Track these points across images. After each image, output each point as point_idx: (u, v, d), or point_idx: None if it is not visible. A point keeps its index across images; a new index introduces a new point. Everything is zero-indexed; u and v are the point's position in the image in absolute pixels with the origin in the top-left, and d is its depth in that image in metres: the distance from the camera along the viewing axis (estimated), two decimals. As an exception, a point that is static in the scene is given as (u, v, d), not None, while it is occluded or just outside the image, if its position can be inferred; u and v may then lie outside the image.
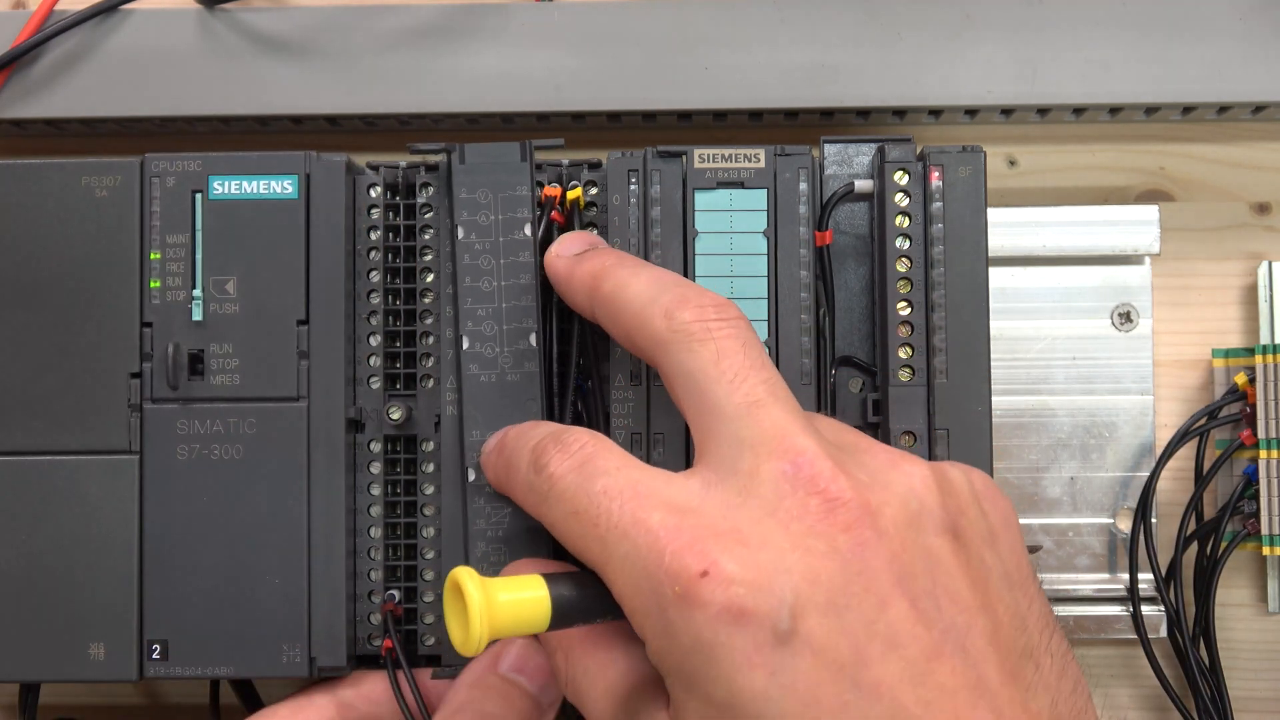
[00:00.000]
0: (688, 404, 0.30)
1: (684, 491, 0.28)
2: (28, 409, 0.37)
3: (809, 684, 0.25)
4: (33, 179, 0.37)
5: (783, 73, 0.42)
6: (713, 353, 0.29)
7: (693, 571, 0.26)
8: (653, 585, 0.27)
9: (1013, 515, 0.30)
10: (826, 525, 0.27)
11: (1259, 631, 0.44)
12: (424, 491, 0.37)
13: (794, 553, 0.26)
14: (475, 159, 0.36)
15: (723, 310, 0.30)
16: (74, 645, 0.36)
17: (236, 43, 0.42)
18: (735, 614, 0.26)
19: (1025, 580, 0.29)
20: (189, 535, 0.36)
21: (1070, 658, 0.29)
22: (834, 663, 0.25)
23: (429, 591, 0.37)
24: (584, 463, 0.29)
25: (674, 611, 0.26)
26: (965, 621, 0.27)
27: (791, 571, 0.26)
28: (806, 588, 0.26)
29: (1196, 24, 0.42)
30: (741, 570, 0.26)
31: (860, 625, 0.26)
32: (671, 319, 0.30)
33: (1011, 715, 0.26)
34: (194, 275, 0.37)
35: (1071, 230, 0.43)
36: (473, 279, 0.36)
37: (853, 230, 0.38)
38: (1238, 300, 0.45)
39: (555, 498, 0.30)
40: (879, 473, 0.28)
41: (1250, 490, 0.42)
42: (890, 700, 0.25)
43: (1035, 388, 0.43)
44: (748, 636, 0.26)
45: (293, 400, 0.37)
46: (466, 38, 0.42)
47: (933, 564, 0.27)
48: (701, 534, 0.27)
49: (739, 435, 0.28)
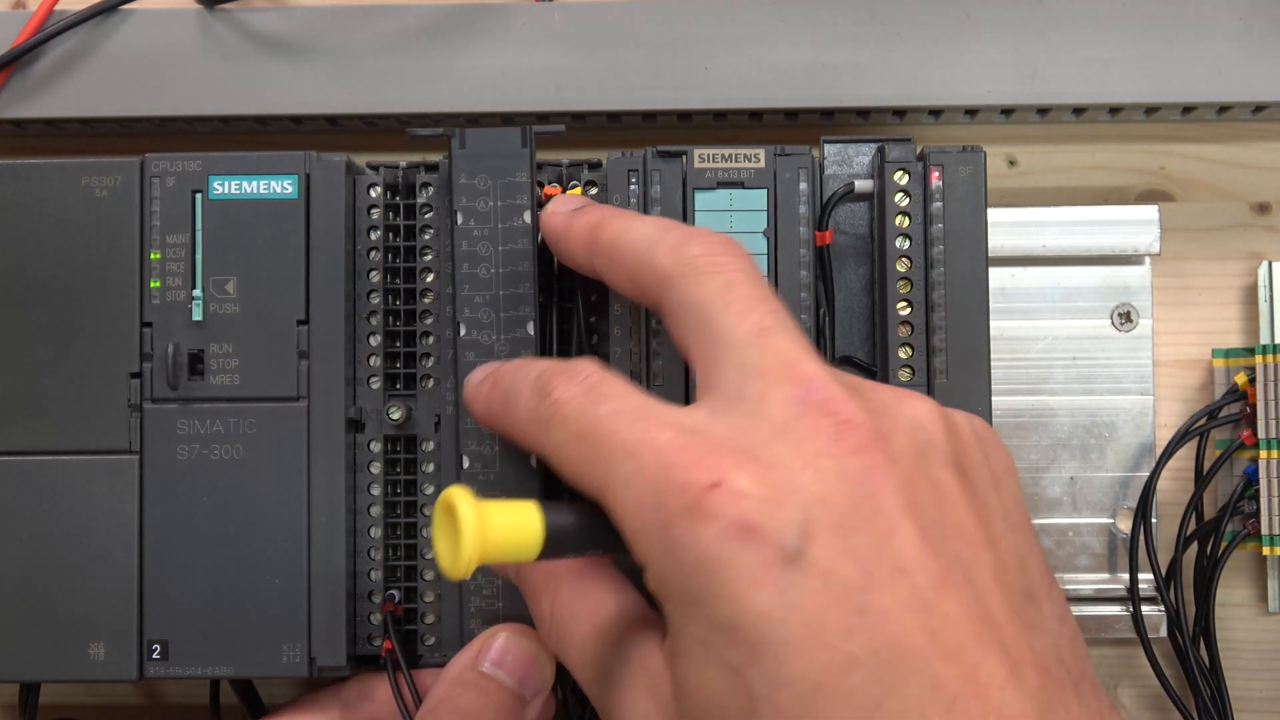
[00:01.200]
0: (693, 338, 0.29)
1: (691, 416, 0.28)
2: (28, 409, 0.37)
3: (815, 606, 0.25)
4: (33, 179, 0.37)
5: (783, 73, 0.42)
6: (721, 284, 0.29)
7: (702, 484, 0.26)
8: (658, 501, 0.26)
9: (1013, 465, 0.30)
10: (838, 447, 0.26)
11: (1259, 631, 0.44)
12: (424, 491, 0.37)
13: (805, 472, 0.26)
14: (476, 145, 0.36)
15: (729, 246, 0.30)
16: (74, 645, 0.36)
17: (236, 43, 0.42)
18: (745, 529, 0.25)
19: (1025, 526, 0.29)
20: (189, 535, 0.36)
21: (1069, 610, 0.28)
22: (841, 585, 0.25)
23: (429, 591, 0.37)
24: (591, 389, 0.29)
25: (680, 527, 0.26)
26: (971, 555, 0.26)
27: (803, 491, 0.26)
28: (817, 507, 0.25)
29: (1196, 24, 0.42)
30: (753, 485, 0.25)
31: (868, 549, 0.25)
32: (679, 254, 0.30)
33: (1016, 652, 0.25)
34: (194, 275, 0.37)
35: (1071, 230, 0.43)
36: (470, 265, 0.36)
37: (853, 230, 0.38)
38: (1238, 300, 0.45)
39: (559, 422, 0.29)
40: (887, 405, 0.28)
41: (1250, 490, 0.42)
42: (896, 626, 0.25)
43: (1035, 388, 0.43)
44: (756, 553, 0.25)
45: (293, 400, 0.37)
46: (466, 38, 0.42)
47: (940, 496, 0.27)
48: (711, 451, 0.26)
49: (746, 362, 0.28)
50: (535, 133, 0.36)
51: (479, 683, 0.34)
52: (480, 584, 0.36)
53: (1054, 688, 0.25)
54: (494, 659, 0.34)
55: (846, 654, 0.24)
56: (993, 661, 0.25)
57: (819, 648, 0.25)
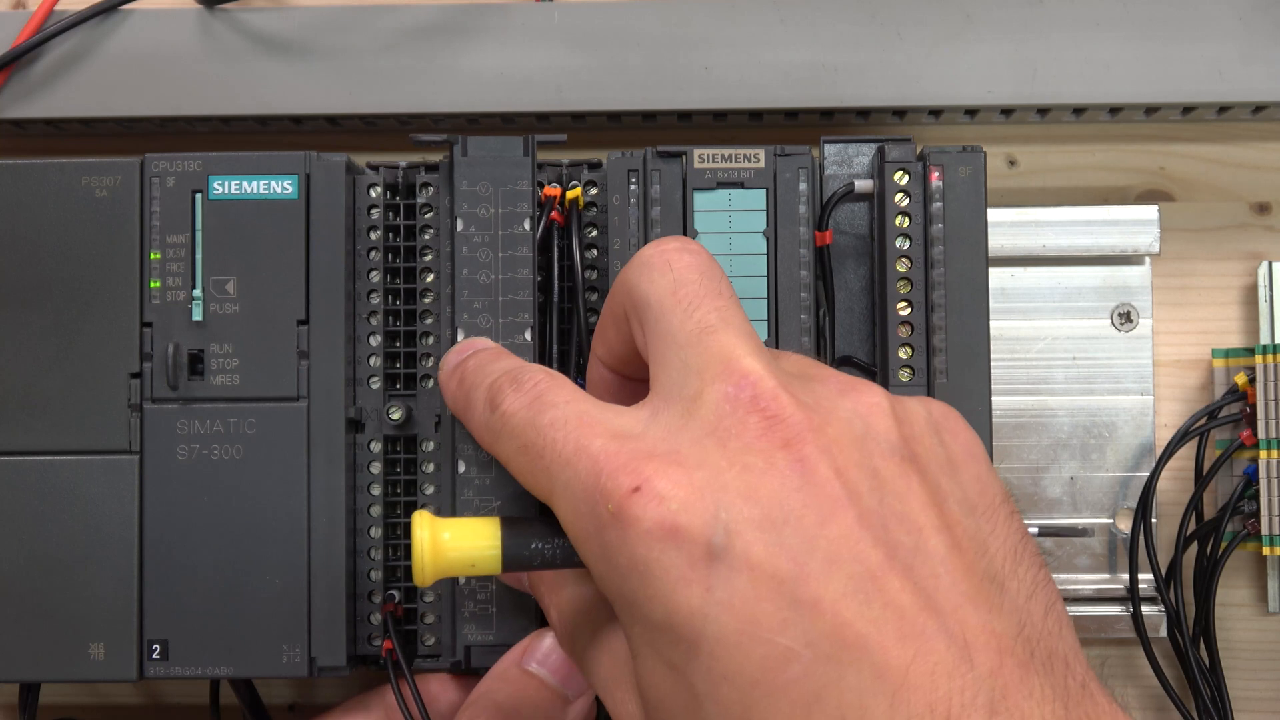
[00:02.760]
0: (647, 336, 0.30)
1: (630, 419, 0.28)
2: (28, 409, 0.37)
3: (746, 600, 0.25)
4: (33, 179, 0.37)
5: (783, 73, 0.42)
6: (670, 283, 0.29)
7: (625, 489, 0.26)
8: (590, 508, 0.27)
9: (978, 448, 0.29)
10: (765, 442, 0.26)
11: (1259, 631, 0.44)
12: (424, 491, 0.37)
13: (730, 470, 0.26)
14: (477, 152, 0.36)
15: (684, 244, 0.30)
16: (74, 645, 0.36)
17: (236, 43, 0.42)
18: (667, 530, 0.25)
19: (990, 508, 0.28)
20: (189, 535, 0.36)
21: (1045, 584, 0.27)
22: (772, 579, 0.25)
23: (429, 592, 0.37)
24: (536, 399, 0.29)
25: (610, 532, 0.26)
26: (914, 541, 0.26)
27: (727, 488, 0.26)
28: (741, 503, 0.25)
29: (1196, 24, 0.42)
30: (673, 487, 0.26)
31: (799, 541, 0.25)
32: (637, 256, 0.30)
33: (968, 636, 0.25)
34: (194, 275, 0.37)
35: (1071, 230, 0.43)
36: (470, 271, 0.36)
37: (853, 230, 0.38)
38: (1238, 300, 0.45)
39: (507, 435, 0.30)
40: (827, 398, 0.28)
41: (1250, 490, 0.42)
42: (832, 617, 0.24)
43: (1035, 388, 0.43)
44: (681, 553, 0.25)
45: (293, 400, 0.37)
46: (466, 38, 0.42)
47: (879, 484, 0.26)
48: (638, 455, 0.27)
49: (687, 361, 0.28)
50: (537, 141, 0.36)
51: (521, 679, 0.34)
52: (474, 589, 0.36)
53: (1012, 669, 0.25)
54: (538, 658, 0.35)
55: (782, 647, 0.24)
56: (939, 647, 0.24)
57: (753, 642, 0.25)
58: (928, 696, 0.24)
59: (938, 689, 0.24)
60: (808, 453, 0.26)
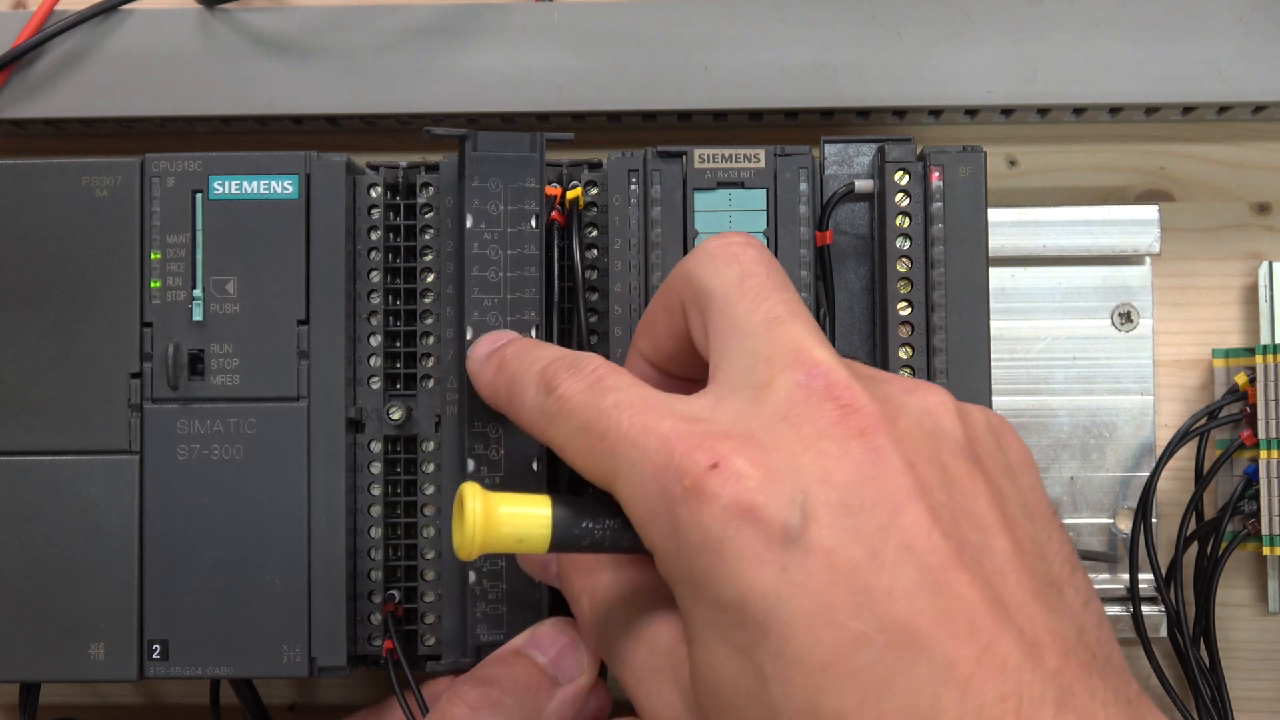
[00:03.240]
0: (709, 327, 0.29)
1: (696, 405, 0.28)
2: (28, 409, 0.37)
3: (820, 584, 0.25)
4: (33, 179, 0.37)
5: (783, 73, 0.42)
6: (736, 274, 0.29)
7: (701, 466, 0.26)
8: (661, 485, 0.26)
9: (1031, 459, 0.30)
10: (840, 429, 0.26)
11: (1259, 631, 0.44)
12: (424, 491, 0.37)
13: (806, 454, 0.26)
14: (488, 147, 0.36)
15: (747, 239, 0.30)
16: (74, 645, 0.36)
17: (236, 43, 0.42)
18: (745, 508, 0.25)
19: (1045, 515, 0.28)
20: (189, 535, 0.36)
21: (1095, 597, 0.28)
22: (847, 564, 0.25)
23: (429, 591, 0.37)
24: (596, 382, 0.29)
25: (682, 508, 0.26)
26: (982, 539, 0.26)
27: (803, 471, 0.26)
28: (818, 486, 0.25)
29: (1196, 24, 0.42)
30: (750, 466, 0.26)
31: (874, 529, 0.25)
32: (699, 249, 0.30)
33: (1034, 634, 0.25)
34: (194, 275, 0.37)
35: (1071, 230, 0.43)
36: (480, 268, 0.36)
37: (853, 230, 0.38)
38: (1238, 300, 0.45)
39: (564, 416, 0.29)
40: (895, 395, 0.28)
41: (1250, 490, 0.42)
42: (905, 606, 0.24)
43: (1035, 388, 0.43)
44: (758, 532, 0.25)
45: (293, 400, 0.37)
46: (466, 38, 0.42)
47: (949, 480, 0.27)
48: (712, 435, 0.26)
49: (755, 350, 0.28)
50: (545, 139, 0.36)
51: (512, 659, 0.34)
52: (485, 589, 0.36)
53: (1076, 669, 0.25)
54: (531, 641, 0.35)
55: (855, 632, 0.24)
56: (1008, 642, 0.24)
57: (826, 626, 0.24)
58: (998, 689, 0.24)
59: (1007, 683, 0.24)
60: (881, 443, 0.26)
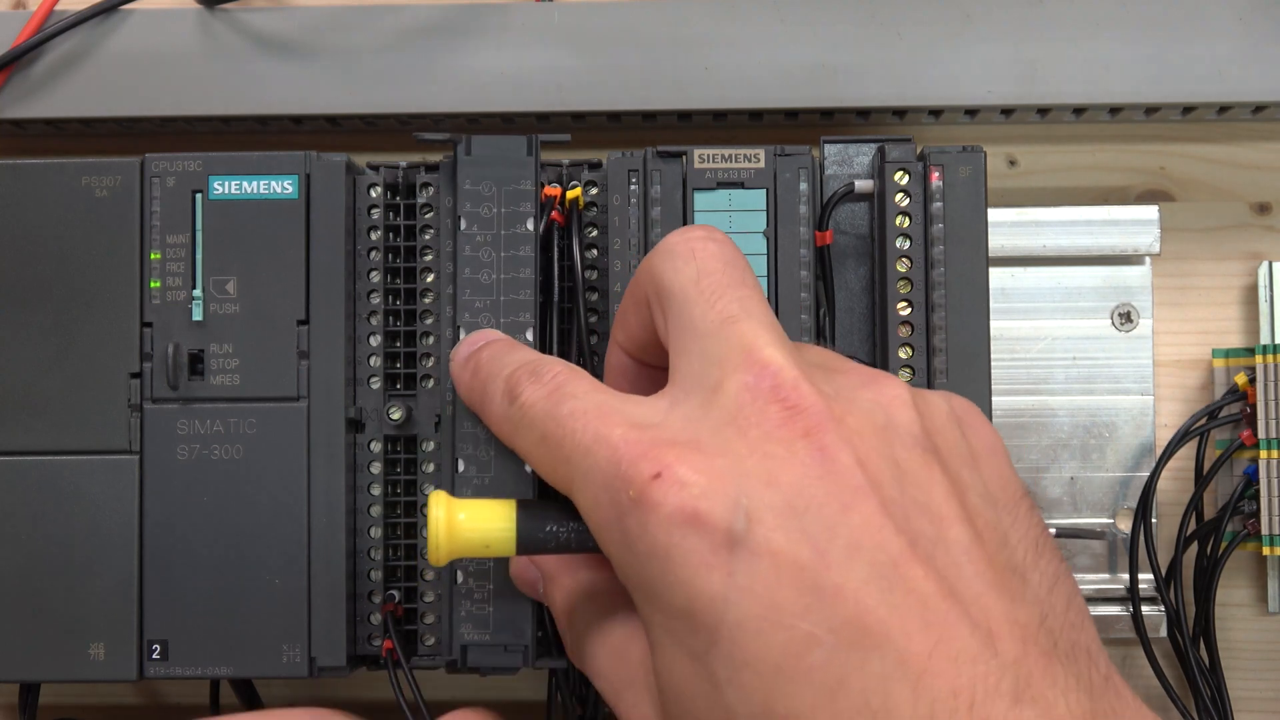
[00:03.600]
0: (669, 325, 0.30)
1: (650, 409, 0.28)
2: (28, 409, 0.37)
3: (767, 586, 0.25)
4: (33, 179, 0.37)
5: (783, 73, 0.42)
6: (693, 272, 0.29)
7: (646, 475, 0.26)
8: (611, 495, 0.27)
9: (998, 443, 0.30)
10: (785, 431, 0.26)
11: (1259, 631, 0.44)
12: (424, 491, 0.37)
13: (751, 458, 0.26)
14: (481, 151, 0.36)
15: (709, 232, 0.30)
16: (74, 645, 0.36)
17: (236, 43, 0.42)
18: (689, 515, 0.26)
19: (1011, 502, 0.28)
20: (189, 535, 0.36)
21: (1065, 577, 0.27)
22: (794, 565, 0.25)
23: (429, 591, 0.37)
24: (555, 389, 0.30)
25: (630, 518, 0.26)
26: (936, 532, 0.26)
27: (748, 475, 0.26)
28: (762, 489, 0.26)
29: (1196, 24, 0.42)
30: (694, 474, 0.26)
31: (821, 528, 0.25)
32: (661, 244, 0.31)
33: (991, 624, 0.25)
34: (194, 275, 0.37)
35: (1071, 230, 0.43)
36: (472, 271, 0.36)
37: (853, 230, 0.38)
38: (1238, 300, 0.45)
39: (526, 426, 0.30)
40: (848, 389, 0.28)
41: (1250, 490, 0.42)
42: (854, 603, 0.24)
43: (1035, 388, 0.43)
44: (703, 539, 0.25)
45: (293, 400, 0.37)
46: (466, 38, 0.42)
47: (900, 474, 0.27)
48: (659, 443, 0.27)
49: (708, 351, 0.28)
50: (541, 141, 0.36)
51: None
52: (471, 588, 0.36)
53: (1036, 658, 0.25)
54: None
55: (804, 633, 0.24)
56: (962, 634, 0.24)
57: (775, 628, 0.25)
58: (951, 682, 0.24)
59: (961, 675, 0.24)
60: (828, 441, 0.26)
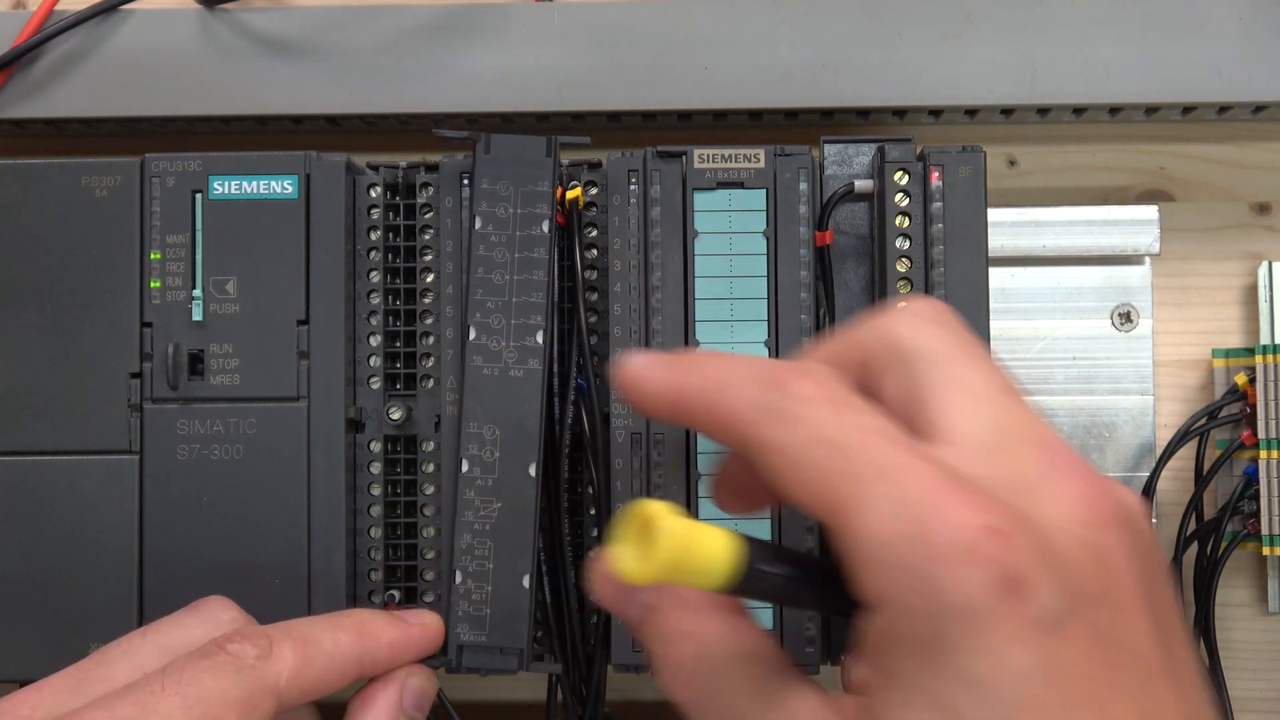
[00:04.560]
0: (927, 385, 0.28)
1: (949, 455, 0.26)
2: (28, 409, 0.37)
3: (1071, 675, 0.23)
4: (33, 179, 0.37)
5: (783, 73, 0.42)
6: (955, 338, 0.28)
7: (974, 524, 0.24)
8: (918, 533, 0.24)
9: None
10: (1088, 516, 0.25)
11: (1259, 631, 0.44)
12: (424, 491, 0.37)
13: (1060, 536, 0.25)
14: (501, 150, 0.36)
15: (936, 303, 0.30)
16: (74, 645, 0.36)
17: (236, 43, 0.42)
18: (1015, 582, 0.23)
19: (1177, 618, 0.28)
20: (189, 535, 0.36)
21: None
22: (1092, 658, 0.24)
23: (429, 591, 0.37)
24: (836, 395, 0.27)
25: (943, 566, 0.24)
26: (1183, 654, 0.26)
27: (1062, 554, 0.25)
28: (1072, 573, 0.24)
29: (1196, 24, 0.42)
30: (1026, 540, 0.24)
31: (1112, 627, 0.24)
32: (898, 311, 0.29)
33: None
34: (194, 275, 0.37)
35: (1071, 230, 0.43)
36: (485, 270, 0.36)
37: (853, 230, 0.38)
38: (1238, 300, 0.45)
39: (801, 421, 0.26)
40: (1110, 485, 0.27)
41: (1250, 490, 0.42)
42: (1122, 709, 0.24)
43: (1035, 388, 0.43)
44: (1024, 610, 0.23)
45: (293, 400, 0.37)
46: (466, 38, 0.42)
47: (1161, 584, 0.26)
48: (982, 495, 0.24)
49: (995, 419, 0.27)
50: (560, 143, 0.36)
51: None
52: (470, 589, 0.35)
53: None
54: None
55: None
56: None
57: (1064, 717, 0.23)
58: None
59: None
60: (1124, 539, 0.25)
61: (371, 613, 0.35)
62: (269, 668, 0.31)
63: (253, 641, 0.31)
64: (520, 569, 0.35)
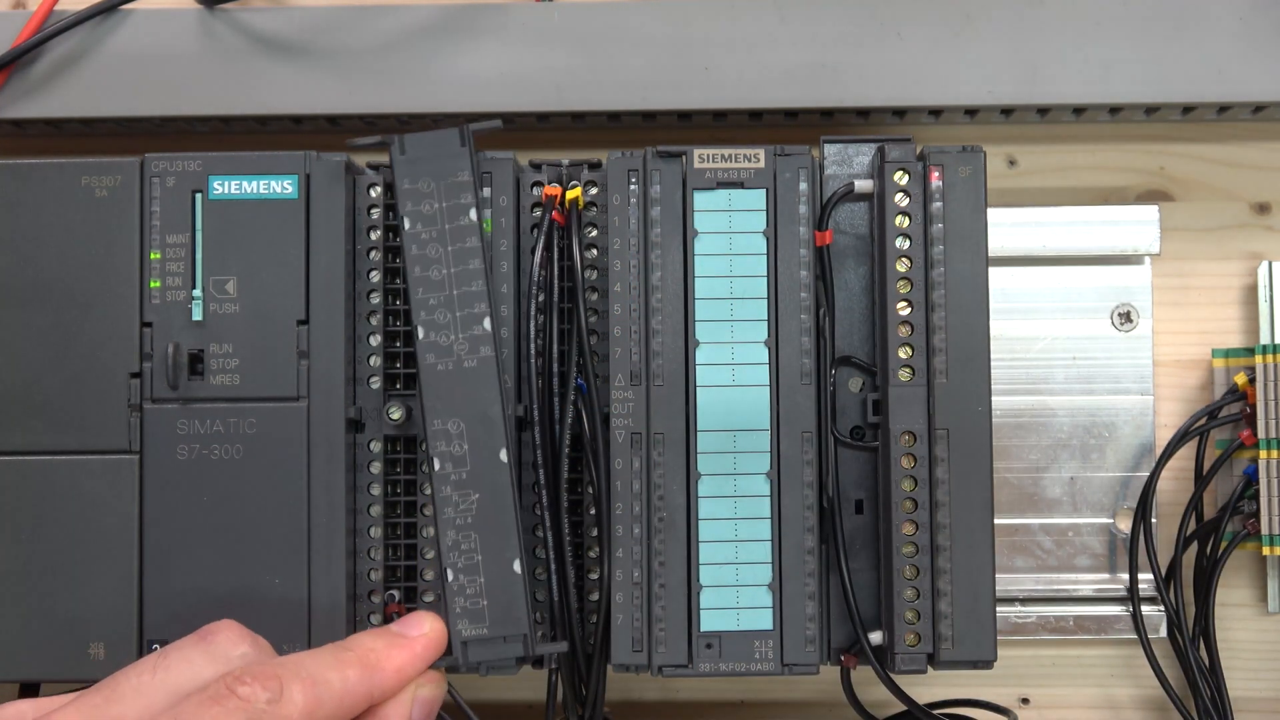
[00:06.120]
0: None
1: None
2: (28, 409, 0.37)
3: None
4: (33, 179, 0.37)
5: (783, 73, 0.42)
6: None
7: None
8: None
9: None
10: None
11: (1259, 631, 0.44)
12: (424, 491, 0.37)
13: None
14: (415, 149, 0.36)
15: None
16: (74, 645, 0.36)
17: (236, 43, 0.42)
18: None
19: None
20: (189, 535, 0.36)
21: None
22: None
23: (429, 591, 0.37)
24: None
25: None
26: None
27: None
28: None
29: (1196, 24, 0.42)
30: None
31: None
32: None
33: None
34: (194, 275, 0.37)
35: (1071, 230, 0.43)
36: (422, 269, 0.36)
37: (853, 230, 0.38)
38: (1238, 300, 0.45)
39: None
40: None
41: (1250, 490, 0.42)
42: None
43: (1035, 388, 0.43)
44: None
45: (293, 400, 0.37)
46: (466, 38, 0.42)
47: None
48: None
49: None
50: (472, 130, 0.36)
51: None
52: (463, 584, 0.35)
53: None
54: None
55: None
56: None
57: None
58: None
59: None
60: None
61: (374, 637, 0.34)
62: (279, 712, 0.30)
63: (263, 684, 0.31)
64: (509, 555, 0.35)
